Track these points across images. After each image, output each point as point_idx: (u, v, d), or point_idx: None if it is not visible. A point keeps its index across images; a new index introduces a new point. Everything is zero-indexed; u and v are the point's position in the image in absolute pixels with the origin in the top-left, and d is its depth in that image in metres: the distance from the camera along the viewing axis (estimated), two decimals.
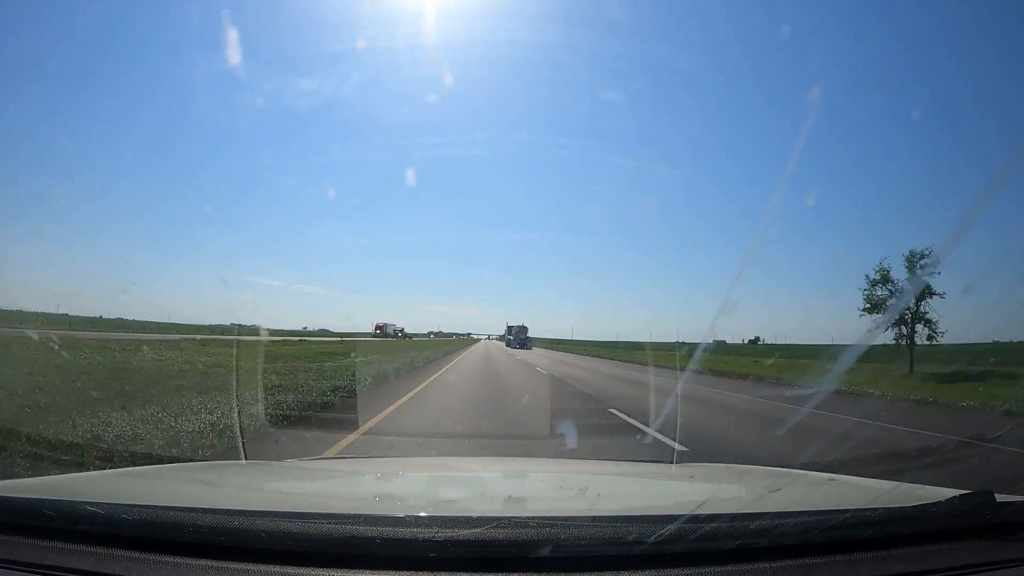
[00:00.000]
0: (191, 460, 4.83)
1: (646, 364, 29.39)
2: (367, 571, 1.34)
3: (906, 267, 22.32)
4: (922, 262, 21.43)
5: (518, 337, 78.48)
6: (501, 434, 7.99)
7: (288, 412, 8.14)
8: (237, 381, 11.22)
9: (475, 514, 1.48)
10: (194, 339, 32.94)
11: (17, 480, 2.13)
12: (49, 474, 3.74)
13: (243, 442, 5.92)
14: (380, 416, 8.89)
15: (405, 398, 11.60)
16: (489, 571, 1.35)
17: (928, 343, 23.04)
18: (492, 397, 12.76)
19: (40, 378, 9.77)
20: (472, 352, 45.31)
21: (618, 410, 10.62)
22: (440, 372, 20.35)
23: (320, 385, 11.24)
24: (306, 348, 30.71)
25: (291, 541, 1.37)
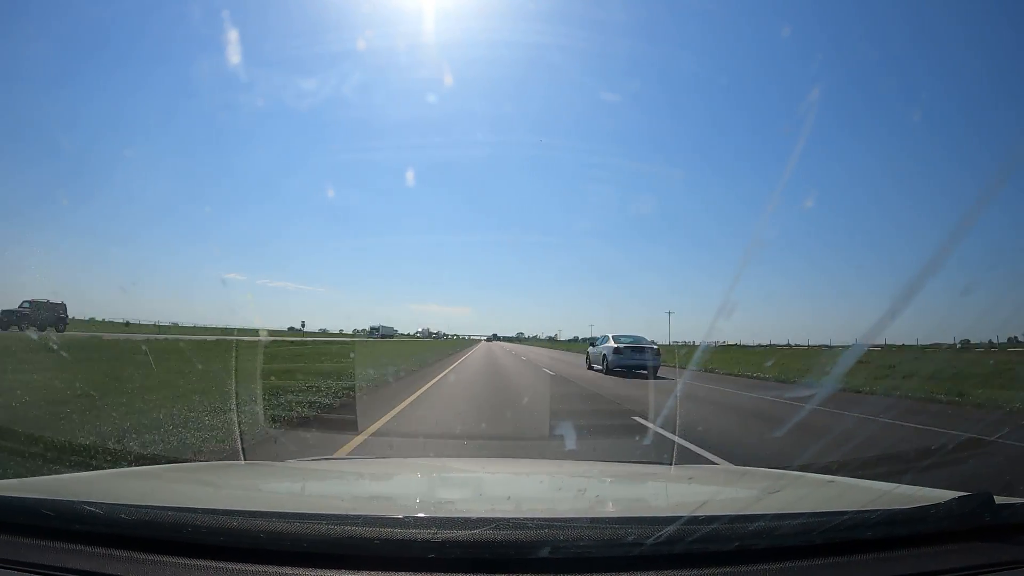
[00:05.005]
0: (190, 461, 4.83)
1: None
2: (365, 572, 1.34)
3: None
4: None
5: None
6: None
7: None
8: (236, 383, 11.21)
9: (473, 515, 1.48)
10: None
11: (16, 480, 2.12)
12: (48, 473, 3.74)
13: (242, 443, 5.92)
14: None
15: None
16: (488, 572, 1.35)
17: None
18: None
19: None
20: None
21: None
22: None
23: None
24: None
25: (289, 541, 1.37)
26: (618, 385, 16.31)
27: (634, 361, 20.81)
